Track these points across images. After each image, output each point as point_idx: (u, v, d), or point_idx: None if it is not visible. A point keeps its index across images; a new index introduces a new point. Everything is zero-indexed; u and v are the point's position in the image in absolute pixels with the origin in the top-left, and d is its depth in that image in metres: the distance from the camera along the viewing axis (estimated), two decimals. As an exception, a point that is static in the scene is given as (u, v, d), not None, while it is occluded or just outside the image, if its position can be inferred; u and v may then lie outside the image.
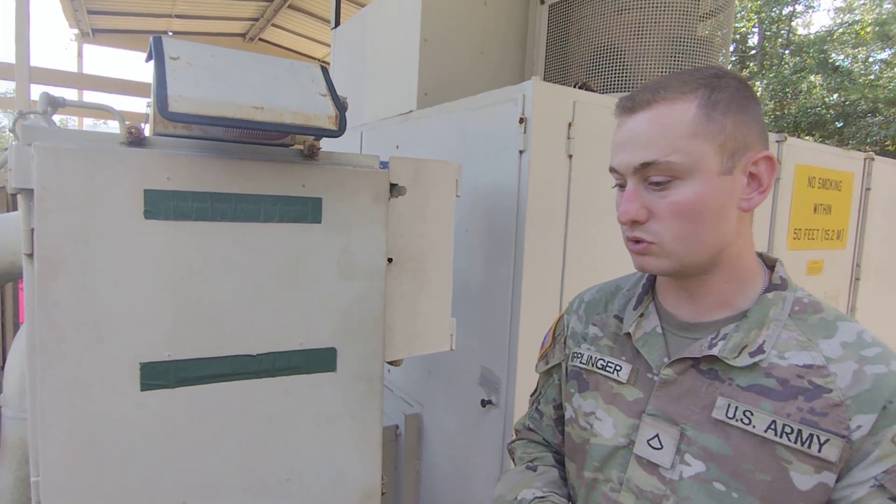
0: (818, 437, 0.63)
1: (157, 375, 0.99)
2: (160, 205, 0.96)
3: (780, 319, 0.71)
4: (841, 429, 0.63)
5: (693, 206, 0.69)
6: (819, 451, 0.63)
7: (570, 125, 1.45)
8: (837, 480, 0.63)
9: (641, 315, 0.83)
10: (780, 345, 0.69)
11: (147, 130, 1.12)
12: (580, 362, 0.89)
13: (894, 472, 0.61)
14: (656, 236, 0.71)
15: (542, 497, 0.84)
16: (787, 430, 0.65)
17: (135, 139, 0.96)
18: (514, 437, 1.06)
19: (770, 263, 0.79)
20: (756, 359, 0.69)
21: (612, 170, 0.77)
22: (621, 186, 0.76)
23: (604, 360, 0.85)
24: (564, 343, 0.96)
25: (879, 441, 0.62)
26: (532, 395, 1.05)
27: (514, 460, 1.02)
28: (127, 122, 1.01)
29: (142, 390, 0.98)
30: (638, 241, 0.74)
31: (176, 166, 0.97)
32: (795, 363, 0.67)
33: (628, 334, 0.83)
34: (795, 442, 0.64)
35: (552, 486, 0.88)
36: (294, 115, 0.97)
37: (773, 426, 0.66)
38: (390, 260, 1.24)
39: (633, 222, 0.73)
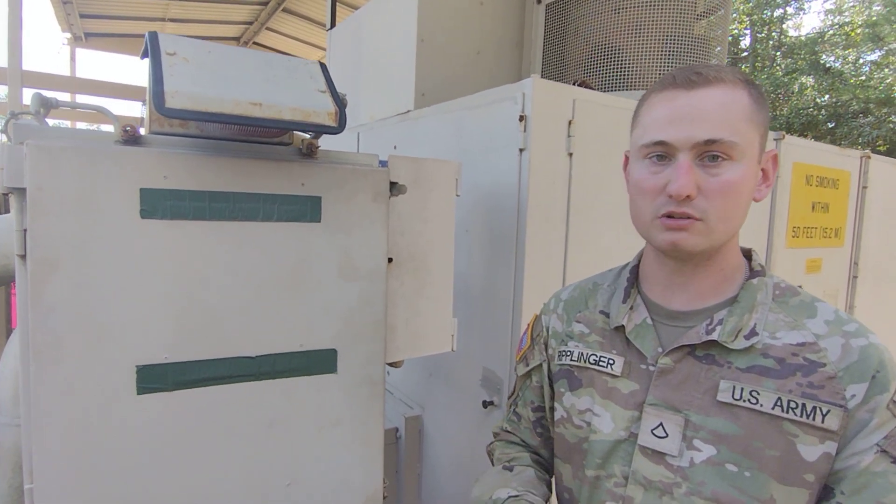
0: (820, 408, 0.67)
1: (154, 378, 0.96)
2: (157, 204, 0.94)
3: (766, 303, 0.75)
4: (838, 399, 0.67)
5: (739, 186, 0.71)
6: (822, 421, 0.67)
7: (570, 123, 1.44)
8: (839, 451, 0.67)
9: (631, 308, 0.83)
10: (770, 326, 0.73)
11: (142, 130, 1.10)
12: (570, 360, 0.88)
13: (893, 437, 0.66)
14: (703, 213, 0.71)
15: (517, 496, 0.85)
16: (792, 405, 0.68)
17: (130, 137, 0.94)
18: (493, 439, 1.06)
19: (746, 253, 0.82)
20: (752, 341, 0.72)
21: (659, 143, 0.72)
22: (660, 157, 0.73)
23: (596, 356, 0.84)
24: (545, 344, 0.95)
25: (874, 409, 0.66)
26: (509, 398, 1.05)
27: (492, 462, 1.02)
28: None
29: (138, 394, 0.95)
30: (676, 217, 0.71)
31: (173, 165, 0.95)
32: (789, 342, 0.71)
33: (619, 328, 0.83)
34: (801, 415, 0.67)
35: (527, 485, 0.88)
36: (293, 111, 0.96)
37: (779, 403, 0.68)
38: (391, 260, 1.22)
39: (686, 197, 0.70)
